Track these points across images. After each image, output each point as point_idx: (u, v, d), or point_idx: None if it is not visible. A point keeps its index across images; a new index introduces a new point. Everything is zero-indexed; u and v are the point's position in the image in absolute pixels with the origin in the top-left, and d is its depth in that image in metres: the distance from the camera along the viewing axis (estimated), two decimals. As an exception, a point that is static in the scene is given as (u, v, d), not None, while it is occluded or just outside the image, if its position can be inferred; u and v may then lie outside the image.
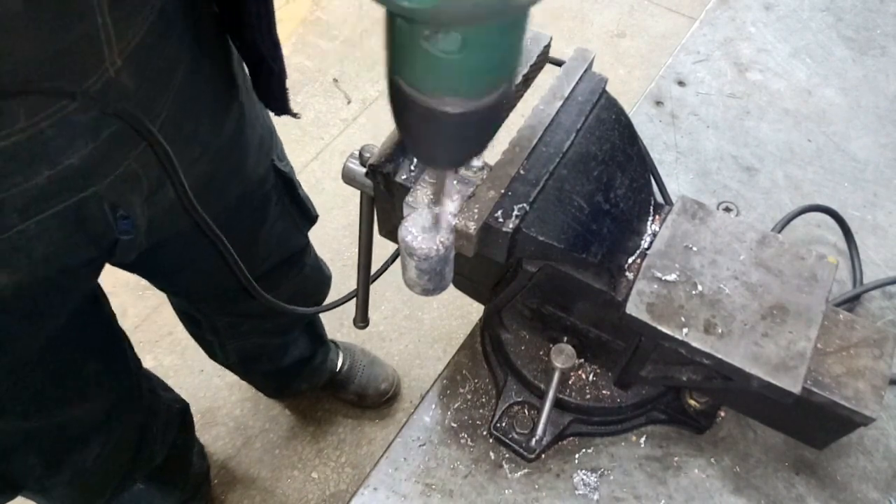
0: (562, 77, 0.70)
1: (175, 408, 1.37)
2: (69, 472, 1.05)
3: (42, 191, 0.66)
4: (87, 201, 0.70)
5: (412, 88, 0.42)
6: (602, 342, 0.74)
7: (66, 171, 0.66)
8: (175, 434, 1.35)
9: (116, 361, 1.05)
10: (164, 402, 1.31)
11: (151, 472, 1.27)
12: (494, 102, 0.44)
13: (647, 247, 0.69)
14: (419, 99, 0.43)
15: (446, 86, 0.42)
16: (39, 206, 0.67)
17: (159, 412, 1.27)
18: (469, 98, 0.43)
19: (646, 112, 1.07)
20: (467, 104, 0.43)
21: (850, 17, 1.20)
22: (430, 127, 0.45)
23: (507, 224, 0.61)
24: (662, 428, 0.80)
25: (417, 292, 0.66)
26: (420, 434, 0.79)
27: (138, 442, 1.18)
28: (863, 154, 1.03)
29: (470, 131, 0.46)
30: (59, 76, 0.60)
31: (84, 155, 0.67)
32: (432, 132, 0.46)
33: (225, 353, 1.41)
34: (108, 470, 1.13)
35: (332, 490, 1.74)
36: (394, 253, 0.78)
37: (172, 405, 1.36)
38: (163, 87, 0.72)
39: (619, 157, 0.69)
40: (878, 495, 0.75)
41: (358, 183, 0.70)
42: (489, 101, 0.43)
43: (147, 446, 1.21)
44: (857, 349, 0.65)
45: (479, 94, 0.43)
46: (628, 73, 2.52)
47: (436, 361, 1.91)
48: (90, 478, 1.10)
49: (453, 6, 0.35)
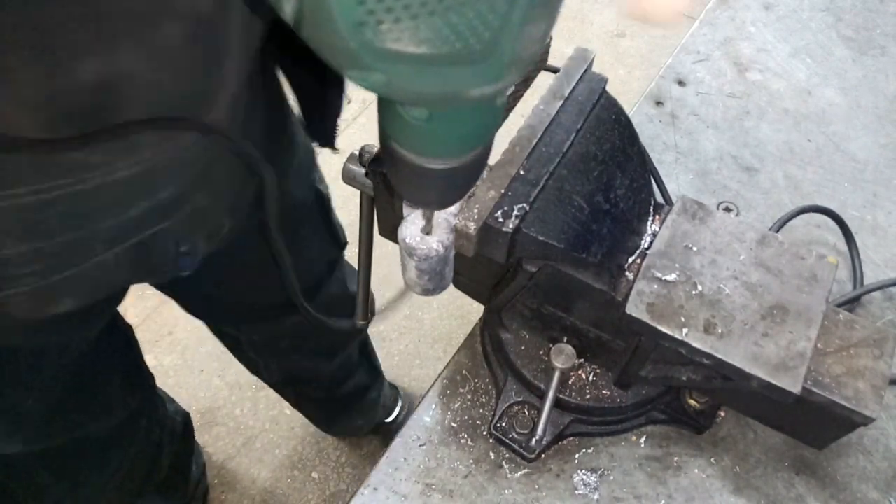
0: (561, 77, 0.70)
1: (178, 419, 1.37)
2: (87, 490, 1.04)
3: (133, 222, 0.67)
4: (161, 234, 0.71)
5: (398, 146, 0.44)
6: (602, 342, 0.74)
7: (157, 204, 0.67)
8: (178, 444, 1.34)
9: (133, 374, 1.04)
10: (170, 414, 1.31)
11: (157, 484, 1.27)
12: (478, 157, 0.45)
13: (647, 247, 0.69)
14: (406, 156, 0.44)
15: (426, 148, 0.43)
16: (125, 237, 0.67)
17: (166, 425, 1.26)
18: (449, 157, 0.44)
19: (646, 112, 1.07)
20: (449, 162, 0.44)
21: (850, 17, 1.20)
22: (417, 178, 0.46)
23: (507, 224, 0.61)
24: (662, 428, 0.80)
25: (417, 292, 0.66)
26: (420, 434, 0.79)
27: (153, 456, 1.17)
28: (862, 154, 1.03)
29: (456, 181, 0.48)
30: (194, 108, 0.62)
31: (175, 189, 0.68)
32: (420, 182, 0.47)
33: (269, 372, 1.38)
34: (126, 486, 1.11)
35: (332, 490, 1.74)
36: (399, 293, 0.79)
37: (176, 416, 1.36)
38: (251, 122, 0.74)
39: (619, 156, 0.69)
40: (878, 495, 0.75)
41: (358, 183, 0.70)
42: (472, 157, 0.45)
43: (159, 460, 1.21)
44: (857, 349, 0.65)
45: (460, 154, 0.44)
46: (628, 73, 2.52)
47: (436, 361, 1.91)
48: (109, 494, 1.08)
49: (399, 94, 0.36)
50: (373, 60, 0.32)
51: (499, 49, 0.33)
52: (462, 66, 0.33)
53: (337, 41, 0.31)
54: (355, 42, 0.31)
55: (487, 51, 0.33)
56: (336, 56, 0.33)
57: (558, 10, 0.34)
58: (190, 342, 1.90)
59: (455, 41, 0.32)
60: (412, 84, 0.34)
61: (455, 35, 0.31)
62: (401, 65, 0.32)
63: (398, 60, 0.32)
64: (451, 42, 0.31)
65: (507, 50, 0.33)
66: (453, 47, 0.32)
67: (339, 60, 0.33)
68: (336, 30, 0.31)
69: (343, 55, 0.33)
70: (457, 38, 0.31)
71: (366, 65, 0.32)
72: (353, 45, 0.31)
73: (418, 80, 0.33)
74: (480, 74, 0.34)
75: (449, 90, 0.34)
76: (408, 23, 0.30)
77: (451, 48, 0.32)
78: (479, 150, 0.45)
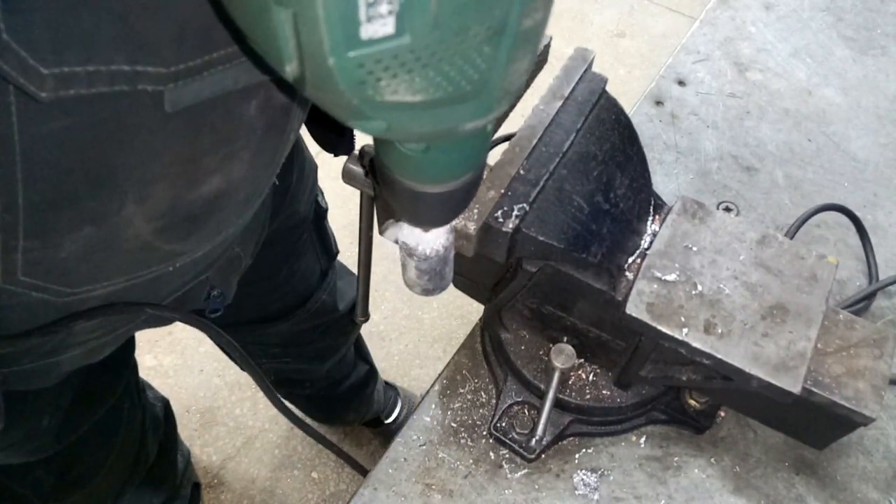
0: (561, 77, 0.70)
1: (158, 405, 1.37)
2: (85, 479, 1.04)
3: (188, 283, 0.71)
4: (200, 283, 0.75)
5: (398, 176, 0.46)
6: (602, 342, 0.74)
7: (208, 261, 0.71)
8: (162, 431, 1.34)
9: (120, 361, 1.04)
10: (151, 399, 1.31)
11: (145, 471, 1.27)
12: (473, 178, 0.47)
13: (647, 247, 0.69)
14: (404, 184, 0.46)
15: (424, 176, 0.46)
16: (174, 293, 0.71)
17: (147, 409, 1.26)
18: (445, 182, 0.46)
19: (646, 112, 1.07)
20: (446, 186, 0.46)
21: (850, 17, 1.20)
22: (415, 202, 0.48)
23: (506, 224, 0.61)
24: (662, 428, 0.80)
25: (417, 292, 0.66)
26: (420, 434, 0.79)
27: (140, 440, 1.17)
28: (863, 154, 1.03)
29: (451, 203, 0.50)
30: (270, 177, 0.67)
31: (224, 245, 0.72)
32: (418, 205, 0.49)
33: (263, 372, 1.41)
34: (115, 473, 1.11)
35: (332, 490, 1.74)
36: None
37: (156, 402, 1.36)
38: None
39: (619, 157, 0.69)
40: (878, 495, 0.75)
41: (358, 183, 0.70)
42: (467, 179, 0.47)
43: (145, 445, 1.21)
44: (857, 349, 0.65)
45: (456, 178, 0.46)
46: (628, 73, 2.52)
47: (436, 361, 1.91)
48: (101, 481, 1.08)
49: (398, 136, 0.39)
50: (373, 112, 0.34)
51: (488, 86, 0.35)
52: (455, 106, 0.35)
53: (338, 99, 0.33)
54: (357, 99, 0.33)
55: (478, 90, 0.35)
56: (337, 110, 0.35)
57: (541, 41, 0.36)
58: (190, 342, 1.90)
59: (447, 86, 0.34)
60: (410, 126, 0.36)
61: (447, 81, 0.33)
62: (399, 112, 0.34)
63: (396, 109, 0.34)
64: (443, 88, 0.34)
65: (496, 86, 0.35)
66: (446, 91, 0.34)
67: (341, 113, 0.35)
68: (337, 90, 0.32)
69: (345, 110, 0.35)
70: (449, 84, 0.34)
71: (367, 116, 0.35)
72: (355, 101, 0.33)
73: (415, 123, 0.36)
74: (473, 110, 0.36)
75: (444, 127, 0.37)
76: (404, 76, 0.32)
77: (444, 93, 0.34)
78: (472, 173, 0.47)
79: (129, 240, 0.55)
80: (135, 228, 0.54)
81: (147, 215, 0.54)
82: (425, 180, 0.46)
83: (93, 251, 0.54)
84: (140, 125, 0.47)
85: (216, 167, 0.55)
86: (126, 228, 0.54)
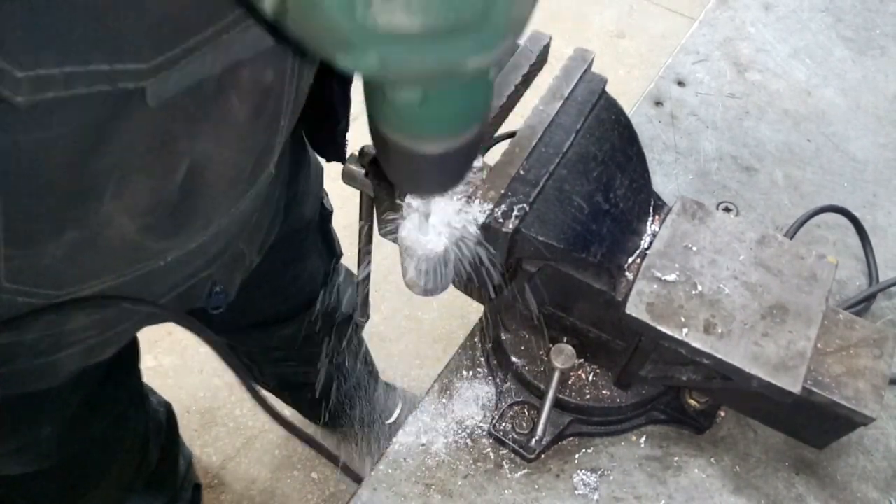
0: (561, 77, 0.70)
1: (161, 410, 1.36)
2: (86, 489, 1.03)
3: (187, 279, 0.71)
4: (202, 280, 0.74)
5: (391, 132, 0.43)
6: (602, 342, 0.74)
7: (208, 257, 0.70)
8: (164, 437, 1.34)
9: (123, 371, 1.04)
10: (154, 406, 1.31)
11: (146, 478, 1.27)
12: (473, 139, 0.44)
13: (646, 247, 0.69)
14: (399, 142, 0.43)
15: (420, 130, 0.42)
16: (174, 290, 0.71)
17: (151, 416, 1.26)
18: (444, 138, 0.43)
19: (645, 112, 1.07)
20: (444, 144, 0.43)
21: (849, 18, 1.20)
22: (412, 165, 0.45)
23: (507, 224, 0.61)
24: (662, 428, 0.80)
25: (417, 292, 0.66)
26: (420, 434, 0.79)
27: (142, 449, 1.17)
28: (862, 154, 1.03)
29: (451, 165, 0.46)
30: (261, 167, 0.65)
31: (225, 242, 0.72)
32: (415, 169, 0.46)
33: (264, 378, 1.41)
34: (116, 482, 1.11)
35: (332, 490, 1.74)
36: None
37: (159, 408, 1.35)
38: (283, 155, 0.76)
39: (619, 157, 0.69)
40: (878, 495, 0.75)
41: (358, 183, 0.70)
42: (467, 139, 0.43)
43: (148, 453, 1.21)
44: (857, 349, 0.65)
45: (455, 133, 0.43)
46: (628, 73, 2.52)
47: (436, 361, 1.90)
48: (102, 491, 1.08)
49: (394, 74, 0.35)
50: (365, 41, 0.31)
51: (493, 15, 0.31)
52: (457, 37, 0.32)
53: (326, 26, 0.30)
54: (346, 24, 0.30)
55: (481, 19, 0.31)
56: (325, 42, 0.32)
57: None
58: (190, 342, 1.90)
59: (448, 12, 0.30)
60: (407, 62, 0.33)
61: (448, 5, 0.30)
62: (394, 43, 0.31)
63: (391, 38, 0.31)
64: (443, 13, 0.30)
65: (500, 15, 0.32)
66: (447, 18, 0.30)
67: (329, 46, 0.32)
68: (324, 14, 0.30)
69: (333, 40, 0.32)
70: (450, 9, 0.30)
71: (358, 47, 0.31)
72: (344, 27, 0.30)
73: (413, 58, 0.32)
74: (475, 44, 0.32)
75: (445, 65, 0.33)
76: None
77: (445, 19, 0.30)
78: (473, 130, 0.43)
79: (113, 238, 0.54)
80: (117, 225, 0.53)
81: (126, 209, 0.53)
82: (422, 136, 0.42)
83: (77, 253, 0.53)
84: (121, 124, 0.46)
85: (188, 149, 0.53)
86: (108, 226, 0.53)
